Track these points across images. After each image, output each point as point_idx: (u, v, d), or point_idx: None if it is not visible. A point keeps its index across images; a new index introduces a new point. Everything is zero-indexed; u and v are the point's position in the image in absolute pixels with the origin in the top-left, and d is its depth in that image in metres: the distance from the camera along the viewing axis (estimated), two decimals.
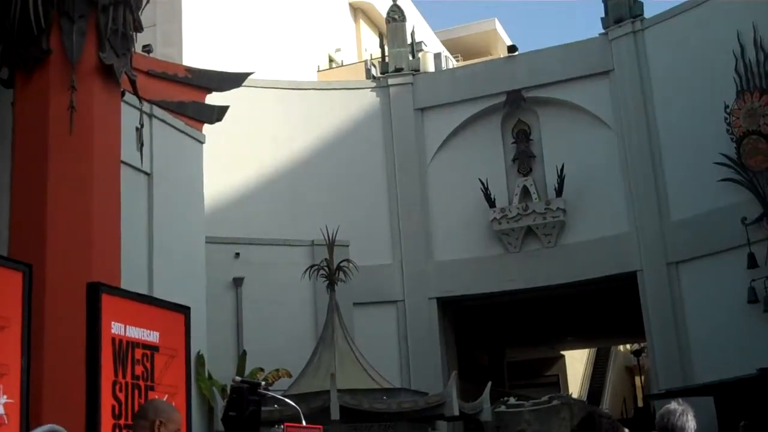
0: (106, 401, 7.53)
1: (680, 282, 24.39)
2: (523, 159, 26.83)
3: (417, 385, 23.39)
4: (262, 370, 21.33)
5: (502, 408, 23.09)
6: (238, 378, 7.16)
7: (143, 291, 15.25)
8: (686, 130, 24.16)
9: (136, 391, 7.90)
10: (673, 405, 5.75)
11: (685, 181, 24.06)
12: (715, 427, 21.64)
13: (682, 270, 24.42)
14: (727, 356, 22.05)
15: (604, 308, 30.30)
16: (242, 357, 21.83)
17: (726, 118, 22.86)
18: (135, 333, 8.02)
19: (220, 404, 17.96)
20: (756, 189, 22.21)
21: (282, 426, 6.03)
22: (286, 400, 7.12)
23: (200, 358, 19.44)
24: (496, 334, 35.70)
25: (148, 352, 8.15)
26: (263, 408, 8.59)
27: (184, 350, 8.77)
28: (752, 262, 21.92)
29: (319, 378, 19.67)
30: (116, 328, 7.80)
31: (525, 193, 26.34)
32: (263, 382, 8.13)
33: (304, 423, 6.61)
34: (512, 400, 24.04)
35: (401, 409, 18.76)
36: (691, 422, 5.60)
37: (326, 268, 20.89)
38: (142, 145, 12.35)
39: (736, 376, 20.61)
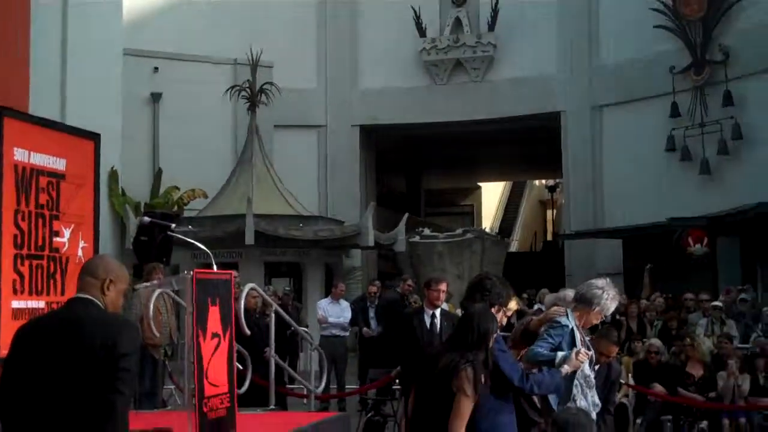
0: (7, 231, 7.13)
1: (602, 125, 24.52)
2: None
3: (334, 213, 23.45)
4: (177, 188, 21.02)
5: (417, 239, 23.35)
6: (146, 219, 6.86)
7: (55, 102, 14.64)
8: None
9: (40, 220, 7.51)
10: (600, 281, 5.67)
11: (619, 25, 23.69)
12: (621, 269, 22.32)
13: (605, 113, 24.51)
14: (639, 202, 22.48)
15: (525, 144, 30.45)
16: (157, 175, 21.43)
17: None
18: (40, 160, 7.54)
19: (132, 222, 17.68)
20: (687, 38, 22.03)
21: (191, 272, 5.77)
22: (198, 244, 6.82)
23: (114, 174, 18.97)
24: (416, 164, 35.79)
25: (54, 180, 7.71)
26: (177, 229, 8.38)
27: (93, 178, 8.35)
28: (675, 111, 22.04)
29: (236, 201, 19.50)
30: (19, 155, 7.30)
31: (457, 24, 25.69)
32: (174, 221, 7.83)
33: (215, 269, 6.37)
34: (427, 232, 24.32)
35: (317, 237, 18.81)
36: (609, 301, 5.53)
37: (248, 90, 20.35)
38: None
39: (647, 222, 21.12)
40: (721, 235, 19.30)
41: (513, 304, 5.56)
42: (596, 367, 5.82)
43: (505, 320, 5.48)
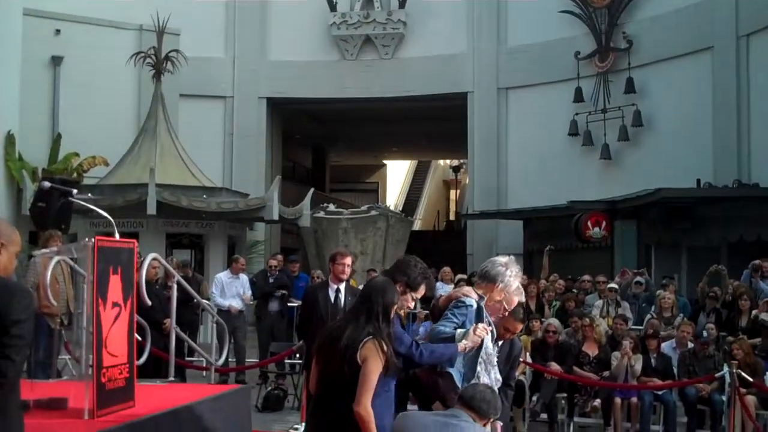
0: None
1: (508, 108, 24.84)
2: None
3: (239, 185, 23.16)
4: (77, 155, 20.47)
5: (321, 214, 23.30)
6: (46, 184, 6.62)
7: None
8: None
9: None
10: (503, 258, 5.71)
11: (527, 8, 24.00)
12: (522, 250, 22.70)
13: (511, 96, 24.84)
14: (541, 184, 22.92)
15: (432, 124, 30.61)
16: (56, 140, 20.80)
17: None
18: None
19: (29, 188, 17.16)
20: (593, 25, 22.48)
21: (92, 239, 5.61)
22: (100, 211, 6.64)
23: (10, 137, 18.41)
24: (322, 139, 35.64)
25: None
26: (77, 196, 8.11)
27: None
28: (579, 96, 22.48)
29: (138, 170, 19.08)
30: None
31: (368, 0, 25.64)
32: (75, 187, 7.58)
33: (117, 236, 6.21)
34: (332, 207, 24.28)
35: (220, 209, 18.55)
36: (513, 279, 5.58)
37: (154, 57, 19.89)
38: None
39: (548, 204, 21.52)
40: (619, 219, 19.80)
41: (421, 291, 5.51)
42: (500, 344, 5.89)
43: (412, 304, 5.46)
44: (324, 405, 4.69)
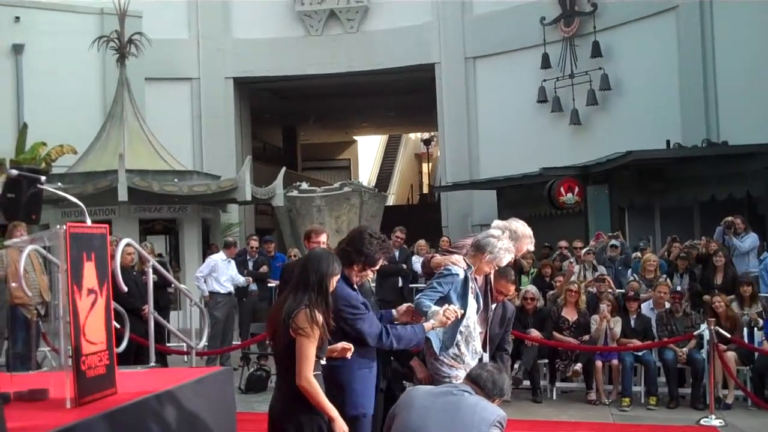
0: None
1: (476, 77, 24.80)
2: None
3: (210, 167, 22.97)
4: (44, 144, 20.19)
5: (295, 193, 23.25)
6: (14, 171, 6.49)
7: None
8: None
9: None
10: (494, 231, 5.71)
11: None
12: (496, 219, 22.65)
13: (479, 65, 24.78)
14: (512, 153, 22.89)
15: (401, 97, 30.54)
16: (22, 130, 20.51)
17: None
18: None
19: None
20: None
21: (64, 226, 5.51)
22: (71, 197, 6.54)
23: None
24: (291, 118, 35.44)
25: None
26: (46, 184, 7.97)
27: None
28: (546, 63, 22.46)
29: (107, 156, 18.90)
30: None
31: None
32: (44, 175, 7.43)
33: (89, 222, 6.11)
34: (305, 186, 24.22)
35: (192, 192, 18.40)
36: (502, 251, 5.58)
37: (117, 40, 19.64)
38: None
39: (520, 172, 21.51)
40: (592, 184, 19.84)
41: (380, 263, 5.45)
42: (493, 306, 5.91)
43: (371, 275, 5.42)
44: (279, 381, 4.74)
